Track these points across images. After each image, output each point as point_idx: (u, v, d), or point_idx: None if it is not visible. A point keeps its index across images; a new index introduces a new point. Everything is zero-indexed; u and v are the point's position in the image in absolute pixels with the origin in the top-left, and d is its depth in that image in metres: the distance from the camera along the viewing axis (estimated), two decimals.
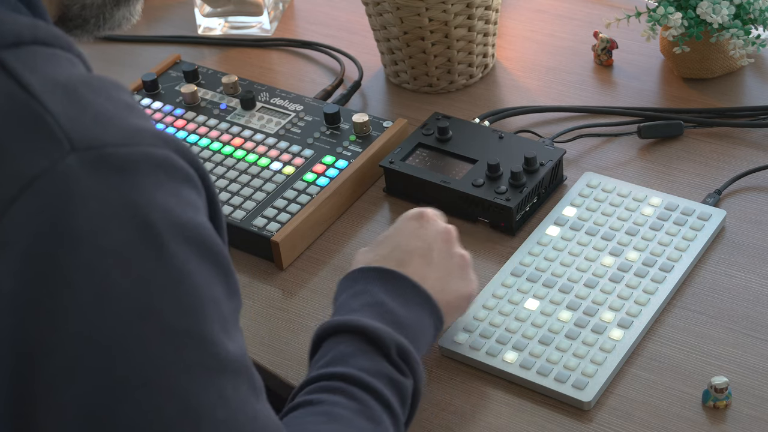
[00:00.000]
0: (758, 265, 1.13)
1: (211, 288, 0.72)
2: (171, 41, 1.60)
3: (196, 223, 0.71)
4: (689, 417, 0.99)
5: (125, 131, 0.70)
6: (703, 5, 1.29)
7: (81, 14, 0.82)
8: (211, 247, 0.72)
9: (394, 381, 0.90)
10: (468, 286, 1.03)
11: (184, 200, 0.71)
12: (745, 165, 1.24)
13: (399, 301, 0.96)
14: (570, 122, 1.34)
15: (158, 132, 0.72)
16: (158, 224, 0.69)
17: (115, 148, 0.69)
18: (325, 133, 1.32)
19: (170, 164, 0.71)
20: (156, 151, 0.70)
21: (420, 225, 1.03)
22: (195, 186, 0.73)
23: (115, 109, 0.71)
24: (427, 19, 1.35)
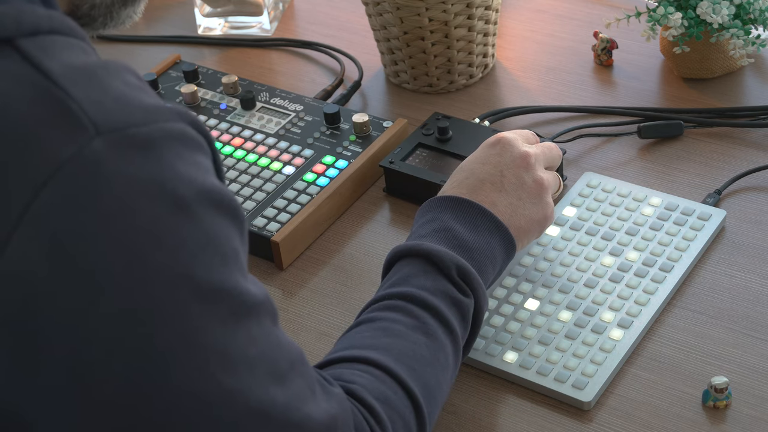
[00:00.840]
0: (758, 265, 1.13)
1: (232, 241, 0.76)
2: (171, 41, 1.60)
3: (214, 184, 0.75)
4: (689, 417, 0.99)
5: (144, 110, 0.73)
6: (703, 5, 1.29)
7: (90, 13, 0.84)
8: (229, 203, 0.76)
9: (455, 299, 0.96)
10: (541, 210, 1.06)
11: (201, 167, 0.75)
12: (745, 165, 1.24)
13: (468, 226, 1.01)
14: (570, 122, 1.34)
15: (172, 107, 0.75)
16: (185, 194, 0.72)
17: (137, 128, 0.72)
18: (325, 133, 1.32)
19: (186, 136, 0.75)
20: (174, 126, 0.74)
21: (495, 151, 1.06)
22: (206, 152, 0.77)
23: (131, 90, 0.74)
24: (427, 19, 1.35)
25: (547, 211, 1.06)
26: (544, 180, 1.06)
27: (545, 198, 1.06)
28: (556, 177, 1.10)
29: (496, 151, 1.06)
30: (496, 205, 1.03)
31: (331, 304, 1.15)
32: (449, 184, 1.07)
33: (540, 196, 1.06)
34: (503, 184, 1.04)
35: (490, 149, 1.07)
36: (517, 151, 1.06)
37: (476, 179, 1.05)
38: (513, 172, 1.05)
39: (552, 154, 1.10)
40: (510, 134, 1.08)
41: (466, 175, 1.06)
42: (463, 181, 1.05)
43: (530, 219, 1.05)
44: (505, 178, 1.05)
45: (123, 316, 0.70)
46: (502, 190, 1.04)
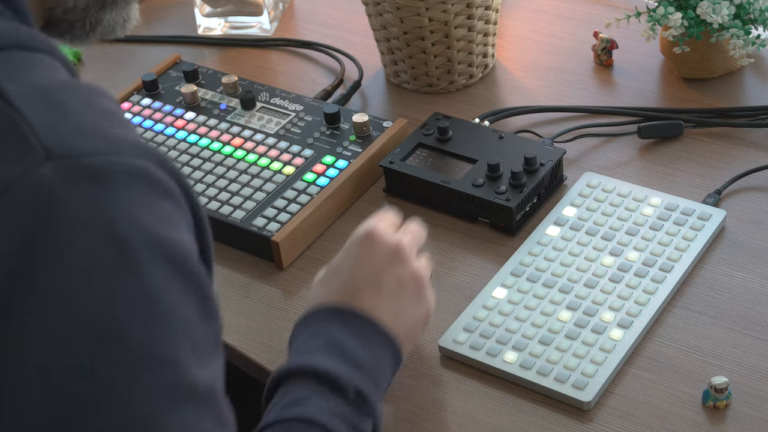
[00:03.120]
0: (758, 265, 1.13)
1: (182, 309, 0.69)
2: (171, 41, 1.60)
3: (173, 239, 0.69)
4: (689, 417, 0.99)
5: (104, 140, 0.68)
6: (703, 5, 1.29)
7: (65, 18, 0.80)
8: (187, 266, 0.69)
9: (353, 422, 0.87)
10: (423, 307, 0.98)
11: (161, 215, 0.69)
12: (745, 165, 1.24)
13: (356, 339, 0.92)
14: (570, 122, 1.34)
15: (139, 142, 0.70)
16: (131, 238, 0.67)
17: (92, 158, 0.67)
18: (325, 133, 1.32)
19: (149, 177, 0.69)
20: (134, 162, 0.68)
21: (367, 249, 0.97)
22: (175, 201, 0.70)
23: (95, 116, 0.69)
24: (427, 19, 1.35)
25: (429, 306, 0.99)
26: (420, 271, 0.98)
27: (425, 292, 0.98)
28: (428, 261, 1.01)
29: (368, 250, 0.97)
30: (378, 310, 0.94)
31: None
32: (322, 290, 0.96)
33: (420, 292, 0.98)
34: (381, 286, 0.95)
35: (360, 248, 0.97)
36: (390, 246, 0.97)
37: (353, 285, 0.95)
38: (389, 271, 0.96)
39: (419, 236, 1.02)
40: (376, 226, 0.98)
41: (341, 281, 0.95)
42: (339, 288, 0.95)
43: (414, 319, 0.97)
44: (382, 280, 0.95)
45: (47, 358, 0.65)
46: (381, 293, 0.95)
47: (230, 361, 1.15)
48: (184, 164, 1.30)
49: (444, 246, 1.20)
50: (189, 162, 1.30)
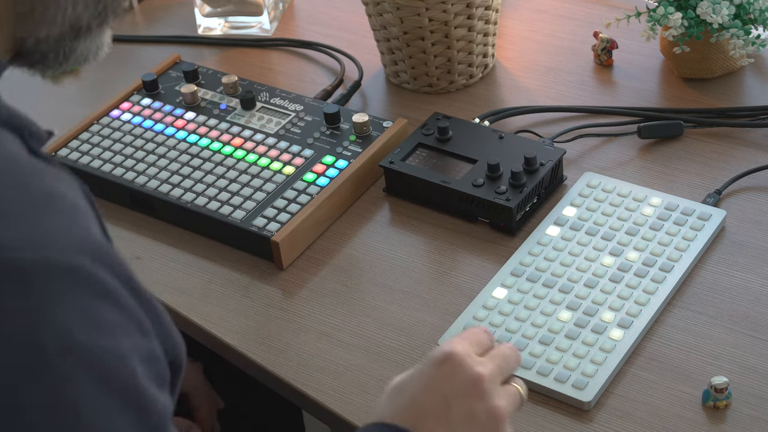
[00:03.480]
0: (758, 265, 1.12)
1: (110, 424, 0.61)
2: (171, 41, 1.60)
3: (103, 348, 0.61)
4: (689, 417, 0.99)
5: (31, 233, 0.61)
6: (703, 5, 1.29)
7: (37, 49, 0.73)
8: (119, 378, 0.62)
9: None
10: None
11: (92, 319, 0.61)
12: (745, 165, 1.24)
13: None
14: (570, 122, 1.34)
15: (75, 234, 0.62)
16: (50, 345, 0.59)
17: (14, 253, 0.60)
18: (325, 133, 1.32)
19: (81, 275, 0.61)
20: (65, 259, 0.61)
21: (442, 373, 0.84)
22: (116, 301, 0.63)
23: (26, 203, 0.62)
24: (427, 19, 1.35)
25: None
26: (499, 410, 0.84)
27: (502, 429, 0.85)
28: (515, 393, 0.87)
29: (443, 374, 0.84)
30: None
31: (331, 304, 1.15)
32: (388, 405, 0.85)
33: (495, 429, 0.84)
34: (450, 418, 0.83)
35: (436, 370, 0.84)
36: (468, 375, 0.84)
37: (419, 409, 0.83)
38: (462, 403, 0.83)
39: (509, 365, 0.88)
40: (460, 349, 0.85)
41: (406, 402, 0.84)
42: (403, 408, 0.84)
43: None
44: (452, 410, 0.83)
45: None
46: (448, 425, 0.83)
47: (229, 360, 1.15)
48: (184, 164, 1.30)
49: (444, 246, 1.20)
50: (189, 162, 1.30)
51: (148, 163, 1.31)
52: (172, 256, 1.24)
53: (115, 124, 1.38)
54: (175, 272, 1.21)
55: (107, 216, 1.30)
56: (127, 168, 1.31)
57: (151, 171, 1.30)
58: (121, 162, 1.32)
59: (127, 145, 1.34)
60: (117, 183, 1.29)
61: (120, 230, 1.28)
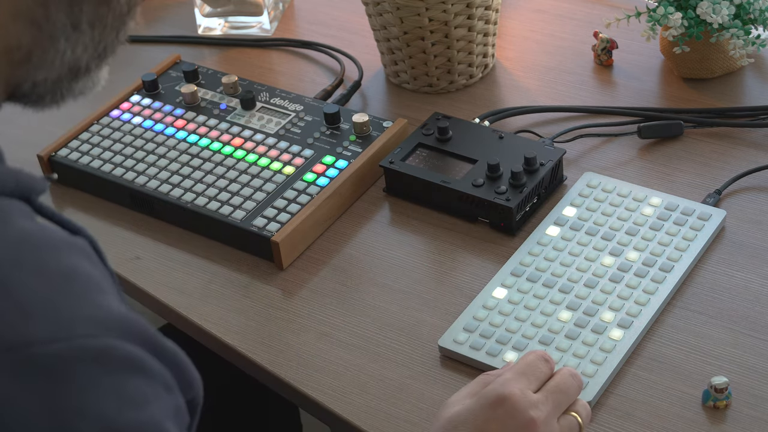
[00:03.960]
0: (758, 265, 1.12)
1: None
2: (171, 41, 1.60)
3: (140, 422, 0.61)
4: (689, 417, 0.99)
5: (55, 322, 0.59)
6: (703, 5, 1.29)
7: (34, 92, 0.71)
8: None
9: None
10: None
11: (125, 397, 0.61)
12: (745, 165, 1.24)
13: None
14: (570, 122, 1.34)
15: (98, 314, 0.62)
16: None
17: (41, 347, 0.58)
18: (325, 133, 1.32)
19: (110, 355, 0.61)
20: (93, 343, 0.60)
21: (496, 417, 0.84)
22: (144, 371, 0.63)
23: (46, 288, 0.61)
24: (427, 19, 1.35)
25: None
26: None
27: None
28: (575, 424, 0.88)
29: (497, 419, 0.84)
30: None
31: (331, 304, 1.15)
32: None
33: None
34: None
35: (491, 412, 0.85)
36: (521, 421, 0.84)
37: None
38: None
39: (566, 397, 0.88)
40: (516, 390, 0.85)
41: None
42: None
43: None
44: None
45: None
46: None
47: (229, 361, 1.15)
48: (184, 164, 1.30)
49: (444, 246, 1.20)
50: (189, 162, 1.30)
51: (148, 163, 1.31)
52: (172, 256, 1.24)
53: (115, 124, 1.38)
54: (175, 272, 1.21)
55: (107, 216, 1.30)
56: (127, 168, 1.31)
57: (151, 171, 1.30)
58: (121, 162, 1.32)
59: (127, 145, 1.34)
60: (117, 183, 1.29)
61: (120, 230, 1.28)
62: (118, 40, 0.72)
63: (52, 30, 0.67)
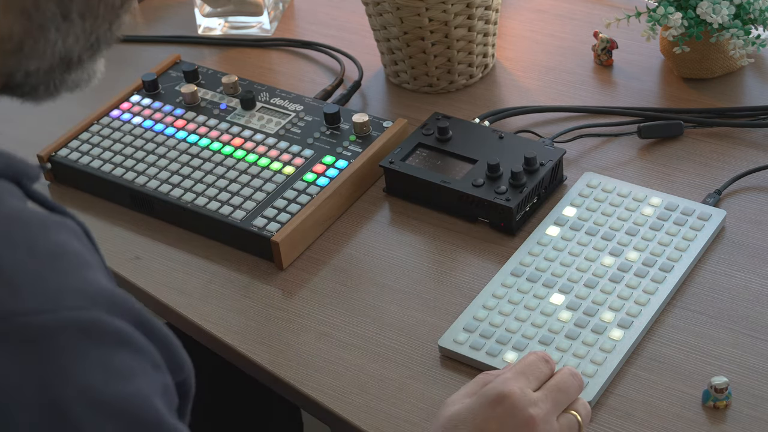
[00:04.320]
0: (758, 265, 1.12)
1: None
2: (171, 41, 1.60)
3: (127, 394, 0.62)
4: (689, 417, 0.99)
5: (43, 294, 0.60)
6: (703, 5, 1.29)
7: (27, 82, 0.71)
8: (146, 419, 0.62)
9: None
10: None
11: (112, 369, 0.61)
12: (745, 165, 1.24)
13: None
14: (570, 122, 1.34)
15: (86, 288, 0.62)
16: (74, 406, 0.59)
17: (29, 317, 0.59)
18: (325, 133, 1.32)
19: (98, 328, 0.61)
20: (80, 315, 0.61)
21: (495, 416, 0.86)
22: (131, 346, 0.63)
23: (34, 263, 0.61)
24: (427, 19, 1.35)
25: None
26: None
27: None
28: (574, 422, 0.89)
29: (497, 417, 0.85)
30: None
31: (331, 304, 1.15)
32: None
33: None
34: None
35: (490, 410, 0.86)
36: (520, 420, 0.85)
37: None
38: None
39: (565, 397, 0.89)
40: (515, 389, 0.86)
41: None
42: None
43: None
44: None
45: None
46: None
47: (229, 360, 1.15)
48: (184, 164, 1.30)
49: (444, 246, 1.20)
50: (189, 162, 1.30)
51: (148, 163, 1.31)
52: (172, 256, 1.24)
53: (115, 124, 1.38)
54: (175, 272, 1.21)
55: (107, 216, 1.30)
56: (127, 168, 1.31)
57: (151, 171, 1.30)
58: (121, 162, 1.32)
59: (127, 145, 1.34)
60: (117, 183, 1.29)
61: (120, 230, 1.28)
62: (111, 32, 0.72)
63: (42, 20, 0.67)
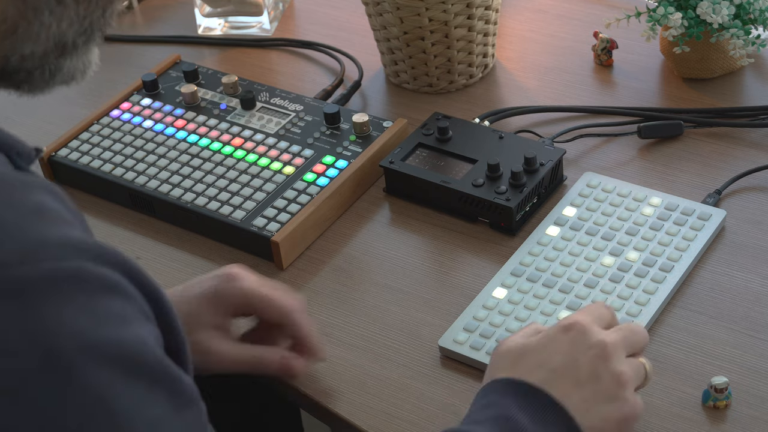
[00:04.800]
0: (758, 265, 1.12)
1: (147, 408, 0.63)
2: (171, 41, 1.60)
3: (120, 338, 0.63)
4: (689, 417, 0.99)
5: (23, 246, 0.61)
6: (703, 5, 1.29)
7: (22, 66, 0.72)
8: (142, 362, 0.64)
9: None
10: (621, 408, 0.88)
11: (101, 315, 0.62)
12: (745, 165, 1.24)
13: (533, 418, 0.85)
14: (570, 122, 1.34)
15: (69, 239, 0.63)
16: (66, 351, 0.60)
17: (10, 269, 0.60)
18: (325, 133, 1.32)
19: (82, 276, 0.62)
20: (62, 265, 0.62)
21: (570, 338, 0.90)
22: (120, 293, 0.64)
23: (15, 217, 0.63)
24: (427, 19, 1.35)
25: (626, 408, 0.89)
26: (623, 374, 0.89)
27: (627, 393, 0.89)
28: (640, 366, 0.93)
29: (570, 338, 0.90)
30: (569, 398, 0.87)
31: (331, 304, 1.15)
32: (511, 367, 0.90)
33: (621, 391, 0.89)
34: (578, 376, 0.88)
35: (562, 335, 0.91)
36: (594, 340, 0.90)
37: (548, 369, 0.89)
38: (590, 362, 0.89)
39: (634, 339, 0.93)
40: (585, 318, 0.92)
41: (535, 364, 0.89)
42: (532, 370, 0.89)
43: (606, 418, 0.88)
44: (580, 370, 0.89)
45: None
46: (577, 383, 0.88)
47: None
48: (184, 164, 1.30)
49: (444, 246, 1.20)
50: (189, 162, 1.30)
51: (148, 163, 1.31)
52: (172, 256, 1.24)
53: (115, 124, 1.38)
54: (175, 272, 1.21)
55: (107, 216, 1.30)
56: (126, 168, 1.31)
57: (151, 171, 1.30)
58: (121, 162, 1.32)
59: (127, 145, 1.34)
60: (117, 183, 1.29)
61: (120, 230, 1.28)
62: (105, 19, 0.73)
63: (36, 2, 0.69)
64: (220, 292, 1.02)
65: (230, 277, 1.02)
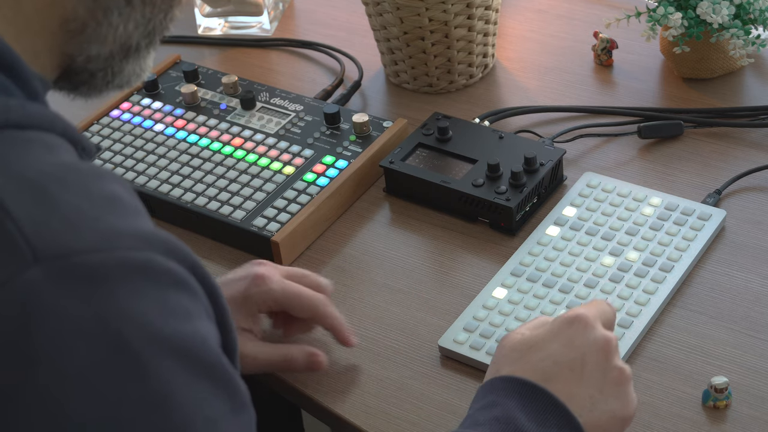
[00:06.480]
0: (758, 265, 1.13)
1: (206, 406, 0.63)
2: (171, 41, 1.60)
3: (185, 333, 0.63)
4: (689, 417, 0.99)
5: (99, 234, 0.62)
6: (703, 5, 1.29)
7: (86, 67, 0.73)
8: (206, 360, 0.64)
9: None
10: (625, 407, 0.88)
11: (169, 308, 0.63)
12: (745, 165, 1.24)
13: (535, 419, 0.84)
14: (570, 122, 1.34)
15: (141, 231, 0.64)
16: (133, 340, 0.61)
17: (85, 256, 0.61)
18: (325, 133, 1.32)
19: (153, 268, 0.63)
20: (135, 255, 0.62)
21: (574, 331, 0.89)
22: (187, 289, 0.65)
23: (90, 207, 0.63)
24: (427, 19, 1.35)
25: (630, 407, 0.89)
26: (626, 371, 0.89)
27: (629, 391, 0.89)
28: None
29: (576, 332, 0.89)
30: (573, 397, 0.86)
31: None
32: (517, 360, 0.89)
33: (623, 388, 0.89)
34: (584, 372, 0.87)
35: (567, 327, 0.89)
36: (599, 333, 0.89)
37: (552, 363, 0.87)
38: (596, 358, 0.88)
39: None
40: (589, 312, 0.91)
41: (539, 358, 0.88)
42: (535, 364, 0.88)
43: (612, 415, 0.87)
44: (586, 365, 0.88)
45: None
46: (582, 379, 0.87)
47: None
48: (184, 164, 1.30)
49: (444, 246, 1.20)
50: (189, 162, 1.30)
51: (148, 163, 1.31)
52: None
53: (115, 124, 1.38)
54: None
55: None
56: (126, 168, 1.31)
57: (151, 171, 1.30)
58: (120, 162, 1.32)
59: (127, 145, 1.34)
60: None
61: None
62: (165, 22, 0.75)
63: (107, 2, 0.70)
64: (250, 297, 1.04)
65: (259, 280, 1.04)
